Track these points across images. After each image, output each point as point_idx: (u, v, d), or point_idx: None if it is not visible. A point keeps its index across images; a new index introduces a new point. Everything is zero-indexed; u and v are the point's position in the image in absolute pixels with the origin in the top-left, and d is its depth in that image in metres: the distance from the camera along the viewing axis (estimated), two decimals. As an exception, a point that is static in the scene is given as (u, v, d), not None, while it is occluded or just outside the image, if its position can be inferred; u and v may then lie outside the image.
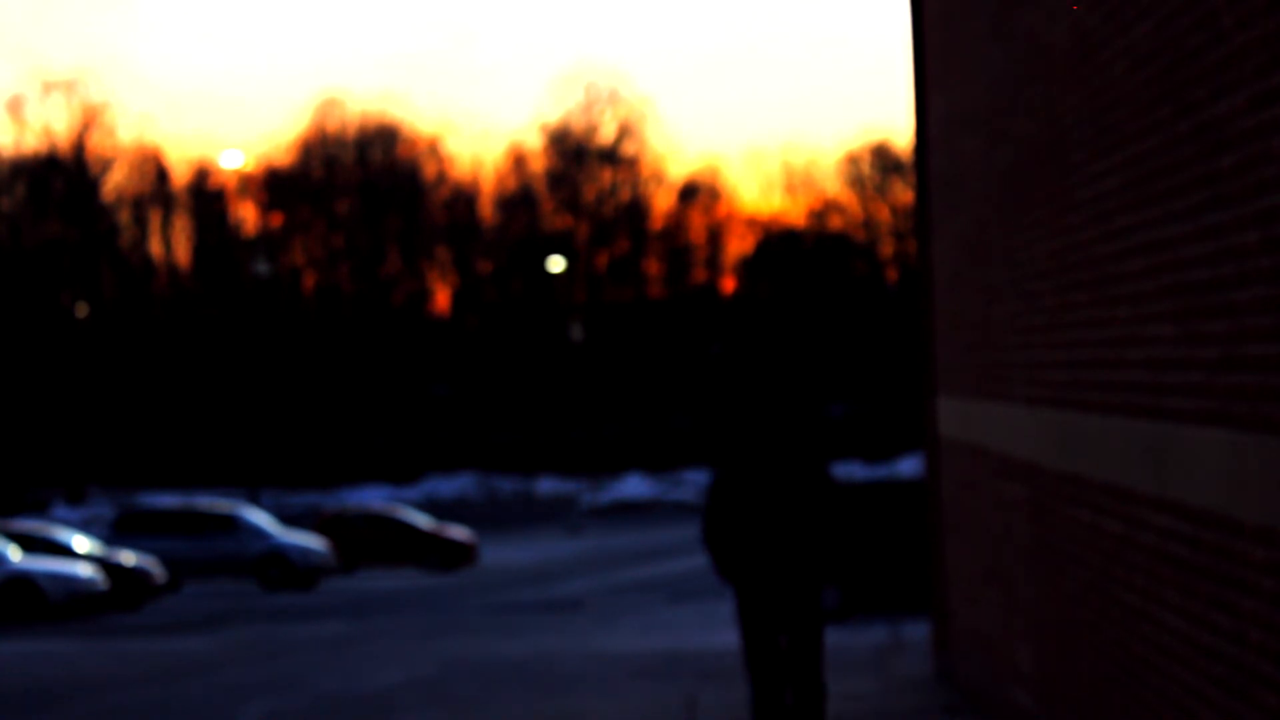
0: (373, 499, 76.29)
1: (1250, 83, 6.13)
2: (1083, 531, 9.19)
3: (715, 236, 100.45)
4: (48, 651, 23.64)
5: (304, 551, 39.53)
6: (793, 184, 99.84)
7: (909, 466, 73.12)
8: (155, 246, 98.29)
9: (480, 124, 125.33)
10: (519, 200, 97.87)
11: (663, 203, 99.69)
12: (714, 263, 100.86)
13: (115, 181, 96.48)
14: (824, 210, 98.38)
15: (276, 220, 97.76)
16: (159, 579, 34.63)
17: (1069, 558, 9.55)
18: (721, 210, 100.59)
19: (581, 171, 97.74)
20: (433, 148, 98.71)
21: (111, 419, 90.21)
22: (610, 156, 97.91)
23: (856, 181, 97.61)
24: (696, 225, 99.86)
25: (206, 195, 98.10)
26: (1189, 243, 7.04)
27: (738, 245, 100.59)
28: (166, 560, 37.81)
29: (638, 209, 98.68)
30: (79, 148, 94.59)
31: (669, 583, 37.04)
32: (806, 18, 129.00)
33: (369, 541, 45.77)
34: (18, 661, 22.10)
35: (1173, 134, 7.22)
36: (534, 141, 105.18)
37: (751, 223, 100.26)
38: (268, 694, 17.08)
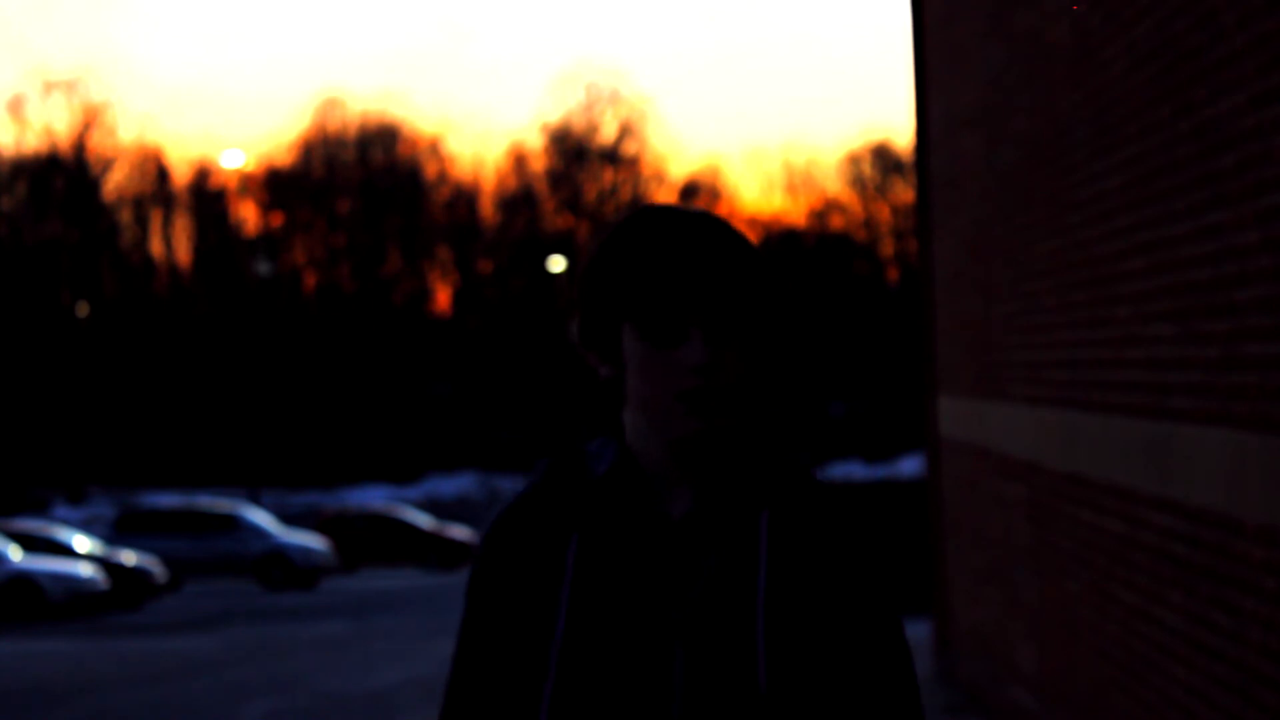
0: (373, 499, 76.27)
1: (1250, 83, 6.13)
2: (1083, 531, 9.19)
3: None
4: (48, 651, 23.63)
5: (305, 551, 39.52)
6: (793, 184, 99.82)
7: (909, 466, 73.06)
8: (156, 246, 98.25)
9: (481, 124, 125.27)
10: (520, 200, 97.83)
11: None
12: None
13: (116, 181, 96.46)
14: (825, 210, 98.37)
15: (277, 220, 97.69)
16: (160, 578, 34.63)
17: (1070, 557, 9.55)
18: (722, 210, 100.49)
19: (582, 171, 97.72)
20: (433, 147, 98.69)
21: (112, 419, 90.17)
22: (611, 156, 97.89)
23: (857, 181, 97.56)
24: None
25: (207, 195, 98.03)
26: (1189, 242, 7.03)
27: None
28: (167, 560, 37.79)
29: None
30: (80, 147, 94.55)
31: (670, 582, 37.01)
32: (807, 17, 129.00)
33: (370, 541, 45.77)
34: (18, 661, 22.09)
35: (1173, 134, 7.22)
36: (535, 141, 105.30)
37: (752, 222, 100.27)
38: (269, 693, 17.08)
